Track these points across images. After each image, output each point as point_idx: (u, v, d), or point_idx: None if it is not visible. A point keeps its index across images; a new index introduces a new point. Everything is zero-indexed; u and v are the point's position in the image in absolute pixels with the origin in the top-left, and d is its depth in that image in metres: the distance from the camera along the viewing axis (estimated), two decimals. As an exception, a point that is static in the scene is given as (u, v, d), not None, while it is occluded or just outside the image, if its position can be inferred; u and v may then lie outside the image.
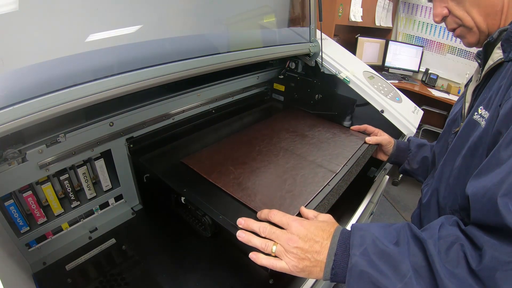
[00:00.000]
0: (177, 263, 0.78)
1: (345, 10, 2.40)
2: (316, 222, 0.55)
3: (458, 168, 0.62)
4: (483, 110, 0.58)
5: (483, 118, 0.58)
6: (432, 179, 0.77)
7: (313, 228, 0.52)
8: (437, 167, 0.76)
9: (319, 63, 1.23)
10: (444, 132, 0.81)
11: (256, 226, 0.56)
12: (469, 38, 0.65)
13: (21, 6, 0.52)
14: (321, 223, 0.55)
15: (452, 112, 0.80)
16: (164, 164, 0.89)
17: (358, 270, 0.45)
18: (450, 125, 0.79)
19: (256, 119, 1.26)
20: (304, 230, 0.52)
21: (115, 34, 0.67)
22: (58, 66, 0.57)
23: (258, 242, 0.53)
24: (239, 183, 0.80)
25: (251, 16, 1.09)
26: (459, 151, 0.63)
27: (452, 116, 0.79)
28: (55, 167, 0.74)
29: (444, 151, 0.75)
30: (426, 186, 0.80)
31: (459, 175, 0.62)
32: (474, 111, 0.62)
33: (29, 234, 0.74)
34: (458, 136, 0.66)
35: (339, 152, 0.98)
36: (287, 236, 0.52)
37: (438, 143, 0.84)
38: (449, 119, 0.81)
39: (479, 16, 0.60)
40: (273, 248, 0.52)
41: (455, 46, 3.11)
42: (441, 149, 0.79)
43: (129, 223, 0.92)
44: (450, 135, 0.75)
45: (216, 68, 0.84)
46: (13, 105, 0.50)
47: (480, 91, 0.66)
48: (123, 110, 0.85)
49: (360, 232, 0.49)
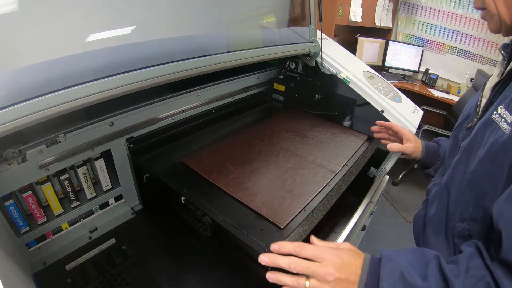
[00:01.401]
0: (177, 263, 0.78)
1: (345, 10, 2.40)
2: (346, 251, 0.53)
3: (473, 173, 0.56)
4: (504, 110, 0.53)
5: (503, 119, 0.52)
6: (440, 178, 0.72)
7: (346, 257, 0.51)
8: (446, 164, 0.72)
9: (319, 63, 1.23)
10: (456, 127, 0.75)
11: (284, 262, 0.51)
12: (491, 24, 0.60)
13: (21, 6, 0.52)
14: (350, 251, 0.53)
15: (468, 107, 0.72)
16: (164, 164, 0.89)
17: None
18: (463, 120, 0.72)
19: (256, 119, 1.26)
20: (339, 260, 0.50)
21: (115, 34, 0.67)
22: (58, 66, 0.57)
23: (290, 281, 0.51)
24: (239, 183, 0.80)
25: (251, 16, 1.09)
26: (474, 154, 0.57)
27: (467, 110, 0.72)
28: (55, 167, 0.74)
29: (454, 148, 0.70)
30: (434, 186, 0.75)
31: (473, 181, 0.56)
32: (493, 110, 0.56)
33: (29, 234, 0.74)
34: (473, 137, 0.60)
35: (339, 152, 0.98)
36: (323, 270, 0.49)
37: (449, 138, 0.79)
38: (463, 114, 0.73)
39: (503, 5, 0.55)
40: (306, 284, 0.49)
41: (455, 46, 3.11)
42: (452, 144, 0.73)
43: (129, 223, 0.92)
44: (462, 130, 0.69)
45: (216, 68, 0.84)
46: (13, 105, 0.50)
47: (501, 88, 0.60)
48: (123, 110, 0.85)
49: (390, 264, 0.49)
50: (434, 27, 3.19)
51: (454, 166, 0.65)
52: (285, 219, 0.70)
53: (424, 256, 0.50)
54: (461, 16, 2.98)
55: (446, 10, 3.05)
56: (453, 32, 3.08)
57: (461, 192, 0.60)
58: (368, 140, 1.08)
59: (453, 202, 0.62)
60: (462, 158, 0.62)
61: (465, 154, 0.61)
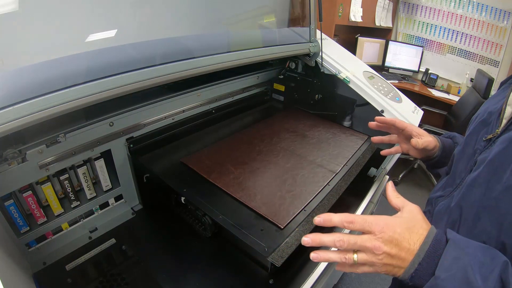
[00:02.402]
0: (177, 263, 0.78)
1: (345, 10, 2.40)
2: (403, 221, 0.47)
3: (496, 200, 0.48)
4: None
5: None
6: (448, 190, 0.63)
7: (399, 230, 0.45)
8: (457, 176, 0.62)
9: (319, 63, 1.23)
10: (471, 133, 0.63)
11: (329, 240, 0.47)
12: None
13: (21, 6, 0.52)
14: (409, 222, 0.47)
15: (486, 111, 0.61)
16: (164, 164, 0.89)
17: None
18: (479, 127, 0.61)
19: (256, 119, 1.26)
20: (390, 233, 0.45)
21: (115, 34, 0.67)
22: (58, 66, 0.57)
23: (337, 257, 0.47)
24: (239, 183, 0.80)
25: (251, 16, 1.09)
26: (499, 177, 0.48)
27: (485, 116, 0.61)
28: (55, 167, 0.74)
29: (467, 159, 0.60)
30: (440, 199, 0.64)
31: (495, 210, 0.48)
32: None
33: (29, 234, 0.74)
34: (497, 154, 0.51)
35: (339, 152, 0.98)
36: (372, 244, 0.45)
37: (459, 146, 0.68)
38: (479, 119, 0.63)
39: None
40: (354, 258, 0.46)
41: (455, 46, 3.11)
42: (464, 155, 0.63)
43: (129, 223, 0.92)
44: (479, 141, 0.58)
45: (216, 68, 0.84)
46: (13, 105, 0.50)
47: None
48: (123, 110, 0.85)
49: (455, 253, 0.43)
50: (434, 27, 3.19)
51: (470, 185, 0.54)
52: (285, 219, 0.70)
53: (496, 256, 0.43)
54: (461, 16, 2.98)
55: (446, 10, 3.05)
56: (453, 32, 3.08)
57: (477, 217, 0.51)
58: (368, 140, 1.08)
59: (466, 226, 0.54)
60: (481, 177, 0.52)
61: (486, 174, 0.51)
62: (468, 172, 0.58)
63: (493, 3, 2.76)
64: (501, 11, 2.75)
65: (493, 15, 2.80)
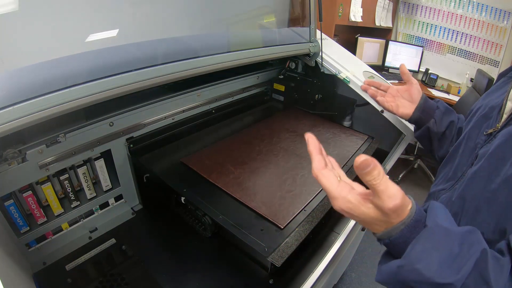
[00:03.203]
0: (177, 263, 0.78)
1: (345, 10, 2.40)
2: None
3: (495, 192, 0.48)
4: None
5: None
6: (449, 184, 0.63)
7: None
8: (457, 170, 0.62)
9: (319, 63, 1.23)
10: (472, 127, 0.64)
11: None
12: None
13: (21, 6, 0.52)
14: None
15: (487, 105, 0.62)
16: (164, 164, 0.89)
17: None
18: (480, 121, 0.62)
19: (256, 119, 1.26)
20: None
21: (115, 34, 0.67)
22: (58, 66, 0.57)
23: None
24: (239, 183, 0.80)
25: (251, 16, 1.09)
26: (499, 170, 0.49)
27: (486, 110, 0.62)
28: (55, 167, 0.74)
29: (468, 153, 0.61)
30: (442, 192, 0.65)
31: (494, 201, 0.48)
32: None
33: (29, 234, 0.74)
34: (497, 147, 0.51)
35: (339, 152, 0.98)
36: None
37: (461, 138, 0.68)
38: (480, 113, 0.63)
39: None
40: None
41: (455, 46, 3.11)
42: (465, 147, 0.63)
43: (129, 223, 0.92)
44: (480, 135, 0.59)
45: (216, 68, 0.84)
46: (13, 105, 0.50)
47: None
48: (123, 110, 0.85)
49: (426, 245, 0.40)
50: (434, 27, 3.19)
51: (471, 178, 0.55)
52: (285, 219, 0.70)
53: (471, 247, 0.40)
54: (461, 16, 2.98)
55: (446, 10, 3.05)
56: (453, 32, 3.08)
57: (478, 210, 0.52)
58: (368, 140, 1.08)
59: (467, 218, 0.54)
60: (482, 171, 0.53)
61: (486, 167, 0.52)
62: (470, 165, 0.58)
63: (493, 3, 2.76)
64: (501, 11, 2.75)
65: (493, 15, 2.80)
